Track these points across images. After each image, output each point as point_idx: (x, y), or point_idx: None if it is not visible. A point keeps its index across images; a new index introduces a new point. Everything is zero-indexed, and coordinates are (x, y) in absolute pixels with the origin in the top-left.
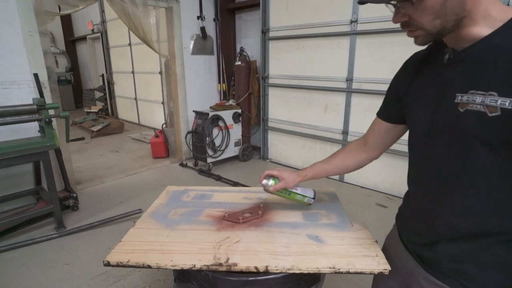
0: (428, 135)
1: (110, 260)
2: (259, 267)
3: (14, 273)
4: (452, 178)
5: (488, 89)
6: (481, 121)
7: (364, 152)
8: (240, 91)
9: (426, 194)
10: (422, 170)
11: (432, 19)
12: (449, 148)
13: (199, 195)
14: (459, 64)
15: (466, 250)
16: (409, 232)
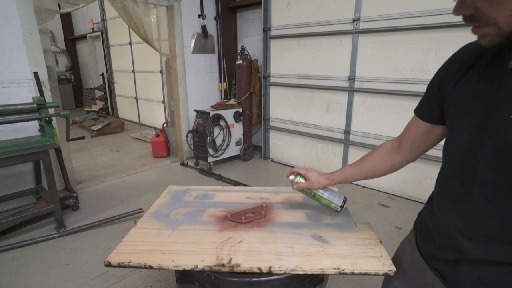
0: (472, 149)
1: (111, 261)
2: (262, 268)
3: (14, 273)
4: (484, 195)
5: None
6: None
7: (399, 155)
8: (241, 90)
9: (457, 209)
10: (458, 183)
11: (509, 15)
12: (495, 169)
13: (201, 195)
14: None
15: (493, 274)
16: (430, 244)
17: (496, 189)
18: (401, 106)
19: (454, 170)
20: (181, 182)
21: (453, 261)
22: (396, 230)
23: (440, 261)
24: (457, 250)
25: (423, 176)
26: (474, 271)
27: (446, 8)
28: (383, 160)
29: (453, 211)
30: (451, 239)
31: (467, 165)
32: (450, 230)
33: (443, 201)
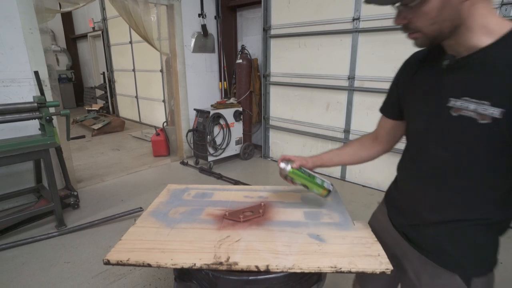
0: (423, 133)
1: (110, 259)
2: (260, 266)
3: (14, 272)
4: (438, 169)
5: (481, 98)
6: (471, 127)
7: (377, 145)
8: (241, 89)
9: (414, 182)
10: (414, 161)
11: (429, 24)
12: (439, 147)
13: (200, 194)
14: (457, 71)
15: (444, 233)
16: (397, 213)
17: (442, 164)
18: None
19: (411, 151)
20: (181, 181)
21: (415, 225)
22: None
23: (405, 226)
24: (417, 217)
25: None
26: (430, 231)
27: None
28: (364, 148)
29: (412, 185)
30: (412, 208)
31: (420, 146)
32: (411, 201)
33: (404, 177)
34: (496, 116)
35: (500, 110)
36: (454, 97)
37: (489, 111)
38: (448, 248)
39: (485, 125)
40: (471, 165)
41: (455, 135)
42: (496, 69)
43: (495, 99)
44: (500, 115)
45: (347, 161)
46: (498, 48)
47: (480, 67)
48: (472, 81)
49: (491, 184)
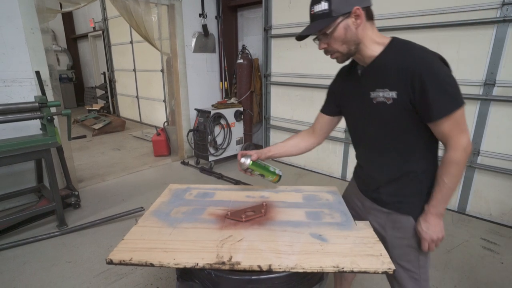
0: (360, 119)
1: (112, 258)
2: (262, 266)
3: (16, 271)
4: (372, 143)
5: (384, 87)
6: (384, 107)
7: (314, 138)
8: (242, 89)
9: (365, 156)
10: (360, 141)
11: (341, 45)
12: (372, 126)
13: (201, 193)
14: (367, 74)
15: (396, 187)
16: (361, 183)
17: (377, 138)
18: None
19: (355, 135)
20: (182, 181)
21: (375, 188)
22: None
23: (369, 191)
24: (374, 181)
25: None
26: (386, 190)
27: (446, 8)
28: (303, 141)
29: (364, 159)
30: (370, 176)
31: (359, 129)
32: (368, 171)
33: (358, 155)
34: (394, 96)
35: (395, 92)
36: (371, 91)
37: (390, 94)
38: (400, 198)
39: (391, 104)
40: (394, 135)
41: (379, 115)
42: (386, 67)
43: (391, 87)
44: (396, 96)
45: (290, 152)
46: (385, 54)
47: (378, 68)
48: (377, 78)
49: (412, 145)
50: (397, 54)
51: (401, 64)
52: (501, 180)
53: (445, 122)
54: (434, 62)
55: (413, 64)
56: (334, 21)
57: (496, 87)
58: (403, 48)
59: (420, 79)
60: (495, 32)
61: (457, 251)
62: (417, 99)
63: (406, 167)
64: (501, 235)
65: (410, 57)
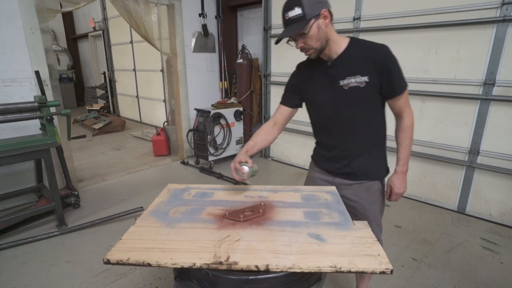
0: (330, 105)
1: (110, 258)
2: (260, 266)
3: (15, 271)
4: (347, 123)
5: (355, 74)
6: (358, 90)
7: (275, 130)
8: (242, 89)
9: (338, 137)
10: (332, 125)
11: (315, 42)
12: (347, 108)
13: (200, 193)
14: (335, 66)
15: (367, 157)
16: (331, 163)
17: (349, 119)
18: None
19: (323, 122)
20: (182, 181)
21: (347, 164)
22: (396, 228)
23: (341, 168)
24: (347, 157)
25: (423, 175)
26: (357, 162)
27: (446, 7)
28: (269, 134)
29: (336, 141)
30: (342, 154)
31: (330, 114)
32: (340, 150)
33: (325, 136)
34: (367, 80)
35: (367, 77)
36: (341, 79)
37: (362, 79)
38: (369, 168)
39: (364, 87)
40: (367, 112)
41: (353, 98)
42: (354, 58)
43: (362, 73)
44: (368, 79)
45: (260, 147)
46: (350, 48)
47: (347, 60)
48: (346, 68)
49: (378, 120)
50: (360, 48)
51: (366, 55)
52: (501, 180)
53: (402, 97)
54: (390, 51)
55: (377, 55)
56: (308, 23)
57: (496, 87)
58: (363, 44)
59: (385, 65)
60: (495, 32)
61: (457, 251)
62: (383, 81)
63: (375, 139)
64: (501, 235)
65: (372, 49)
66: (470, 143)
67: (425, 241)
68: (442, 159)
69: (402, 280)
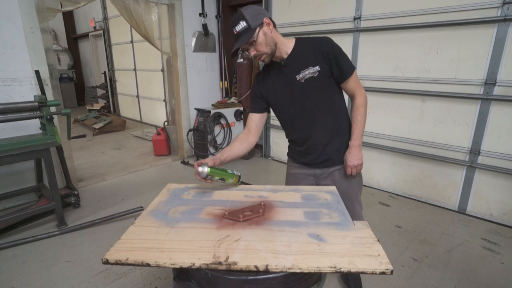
0: (291, 100)
1: (109, 258)
2: (259, 266)
3: (15, 270)
4: (311, 113)
5: (307, 66)
6: (314, 79)
7: (251, 137)
8: (242, 89)
9: (306, 128)
10: (297, 118)
11: (265, 47)
12: (308, 99)
13: (199, 193)
14: (288, 64)
15: (337, 140)
16: (306, 156)
17: (313, 109)
18: (402, 105)
19: (291, 116)
20: (182, 180)
21: (322, 152)
22: (396, 229)
23: (317, 158)
24: (320, 146)
25: (423, 175)
26: (331, 147)
27: (447, 7)
28: (244, 142)
29: (307, 134)
30: (315, 145)
31: (294, 109)
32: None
33: (297, 134)
34: (318, 69)
35: (318, 66)
36: (296, 74)
37: (315, 69)
38: (342, 150)
39: (318, 76)
40: (326, 98)
41: (310, 89)
42: (303, 54)
43: (312, 63)
44: (320, 68)
45: (238, 153)
46: (298, 46)
47: (297, 56)
48: (297, 63)
49: (337, 103)
50: (307, 44)
51: (314, 48)
52: (502, 180)
53: (351, 79)
54: (333, 41)
55: (322, 46)
56: (254, 31)
57: (496, 87)
58: (308, 40)
59: (332, 54)
60: (496, 32)
61: (457, 251)
62: (333, 67)
63: (339, 120)
64: (502, 235)
65: (317, 42)
66: (471, 143)
67: (426, 241)
68: (442, 159)
69: (402, 280)
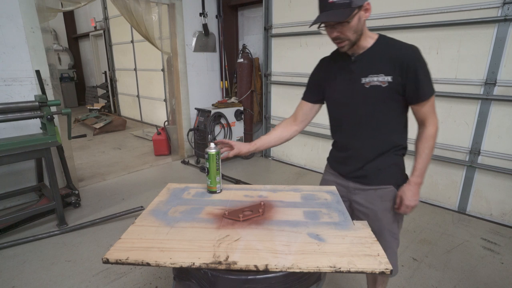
0: (348, 102)
1: (109, 258)
2: (259, 266)
3: (16, 270)
4: (364, 124)
5: (379, 73)
6: (379, 89)
7: (295, 125)
8: (242, 89)
9: (353, 136)
10: (348, 123)
11: (352, 33)
12: (363, 107)
13: (199, 193)
14: (359, 62)
15: (381, 160)
16: (344, 166)
17: (367, 118)
18: None
19: (339, 119)
20: (182, 180)
21: (361, 166)
22: None
23: (354, 171)
24: (361, 159)
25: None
26: (372, 165)
27: (447, 7)
28: (286, 129)
29: (348, 139)
30: (355, 156)
31: (347, 112)
32: (354, 151)
33: (342, 138)
34: (390, 80)
35: (390, 77)
36: (363, 77)
37: (385, 78)
38: (384, 172)
39: (386, 87)
40: (385, 113)
41: (371, 98)
42: (379, 56)
43: (386, 72)
44: (391, 80)
45: (275, 143)
46: (375, 46)
47: (372, 57)
48: (370, 65)
49: (397, 123)
50: (388, 46)
51: (393, 54)
52: (502, 180)
53: (427, 104)
54: (420, 54)
55: (405, 55)
56: (353, 11)
57: (497, 87)
58: (392, 42)
59: (413, 68)
60: (496, 31)
61: (457, 251)
62: (408, 84)
63: (392, 142)
64: (502, 235)
65: (401, 49)
66: (471, 143)
67: (426, 241)
68: (442, 159)
69: (402, 280)
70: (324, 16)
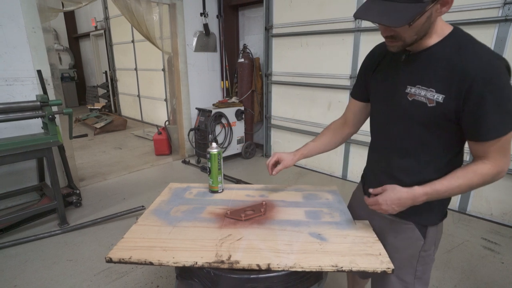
0: (384, 113)
1: (112, 257)
2: (261, 265)
3: (17, 269)
4: (395, 150)
5: (429, 86)
6: (422, 109)
7: (347, 129)
8: (243, 89)
9: (379, 153)
10: (380, 140)
11: (413, 34)
12: (397, 126)
13: (201, 192)
14: (411, 64)
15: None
16: (376, 185)
17: (398, 142)
18: None
19: (375, 132)
20: (183, 180)
21: None
22: None
23: None
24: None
25: None
26: None
27: None
28: (336, 134)
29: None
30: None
31: (382, 126)
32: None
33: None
34: (440, 101)
35: (442, 96)
36: (410, 85)
37: (435, 97)
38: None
39: (432, 108)
40: (421, 141)
41: (410, 116)
42: (438, 62)
43: (438, 88)
44: (442, 100)
45: (324, 149)
46: (439, 45)
47: (428, 61)
48: (422, 72)
49: (436, 156)
50: (457, 50)
51: (460, 63)
52: (502, 180)
53: (494, 145)
54: (502, 72)
55: (476, 69)
56: (424, 9)
57: None
58: (465, 45)
59: (481, 90)
60: (497, 32)
61: (457, 251)
62: (467, 111)
63: (423, 177)
64: (502, 235)
65: (474, 58)
66: None
67: None
68: None
69: None
70: (376, 12)
